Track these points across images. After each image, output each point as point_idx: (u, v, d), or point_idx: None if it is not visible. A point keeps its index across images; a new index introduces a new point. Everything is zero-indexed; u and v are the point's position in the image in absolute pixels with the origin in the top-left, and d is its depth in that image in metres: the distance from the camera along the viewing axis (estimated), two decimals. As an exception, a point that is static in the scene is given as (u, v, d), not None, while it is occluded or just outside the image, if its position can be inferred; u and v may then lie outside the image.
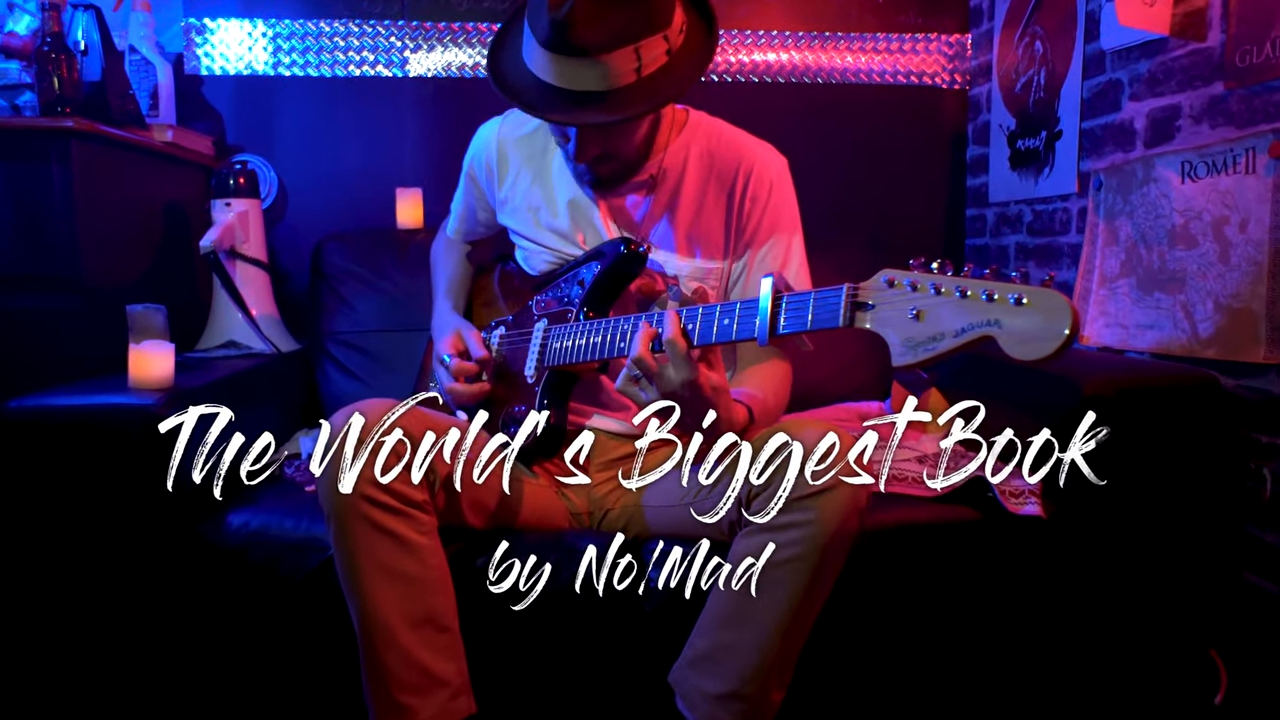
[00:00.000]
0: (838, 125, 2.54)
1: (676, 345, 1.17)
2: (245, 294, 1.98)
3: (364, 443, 1.20)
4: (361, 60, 2.39)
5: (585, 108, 1.27)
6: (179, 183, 2.14)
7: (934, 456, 1.65)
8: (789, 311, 1.11)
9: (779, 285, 1.14)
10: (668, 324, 1.18)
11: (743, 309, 1.17)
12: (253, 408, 1.78)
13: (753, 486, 1.23)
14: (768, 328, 1.12)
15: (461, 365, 1.49)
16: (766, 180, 1.47)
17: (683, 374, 1.18)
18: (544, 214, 1.53)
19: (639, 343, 1.19)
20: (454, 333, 1.55)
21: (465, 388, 1.49)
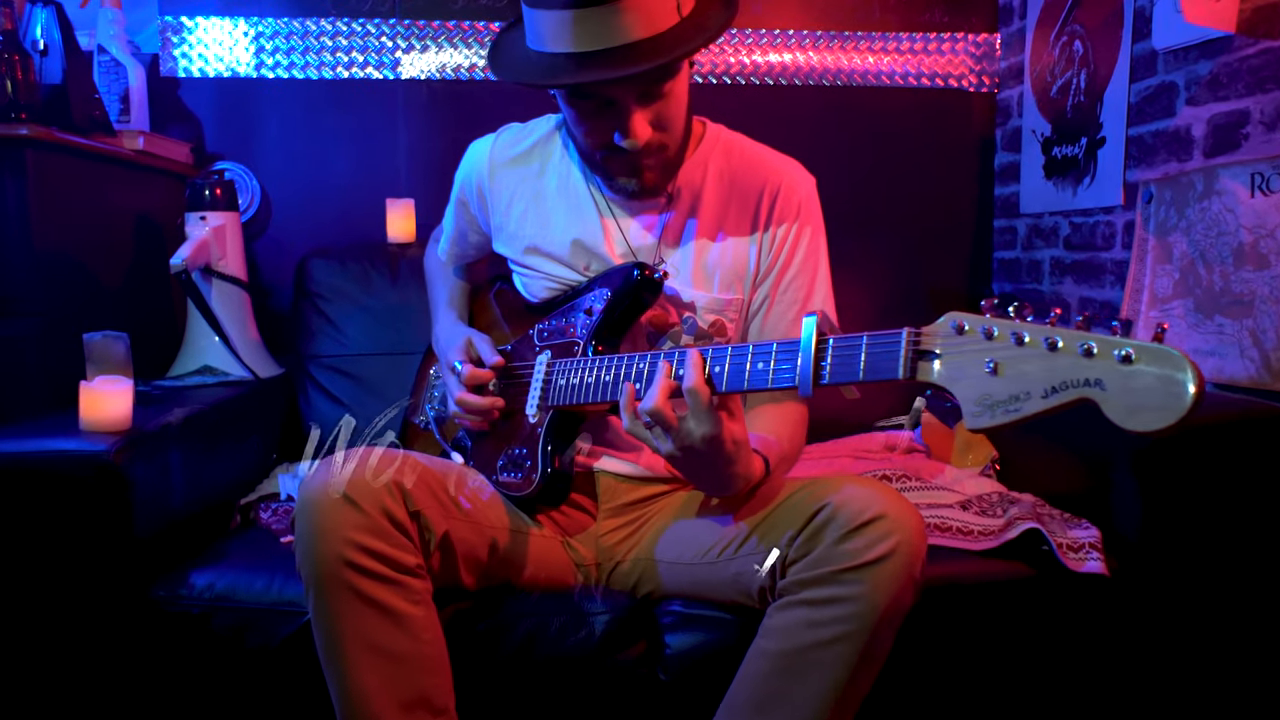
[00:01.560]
0: (857, 130, 2.39)
1: (699, 396, 1.02)
2: (222, 315, 1.82)
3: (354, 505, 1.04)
4: (350, 61, 2.23)
5: (625, 61, 1.11)
6: (152, 194, 1.98)
7: (977, 500, 1.49)
8: (837, 358, 0.95)
9: (823, 326, 0.98)
10: (691, 370, 1.02)
11: (781, 352, 1.01)
12: (227, 443, 1.62)
13: (788, 551, 1.08)
14: (810, 376, 0.97)
15: (475, 372, 1.33)
16: (794, 202, 1.32)
17: (704, 428, 1.03)
18: (543, 240, 1.37)
19: (657, 393, 1.04)
20: (464, 339, 1.40)
21: (477, 399, 1.32)
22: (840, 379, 0.95)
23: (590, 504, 1.39)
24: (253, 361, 1.84)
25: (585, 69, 1.12)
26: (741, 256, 1.32)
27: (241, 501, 1.59)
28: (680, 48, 1.11)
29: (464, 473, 1.29)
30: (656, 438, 1.08)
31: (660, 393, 1.03)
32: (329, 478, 1.06)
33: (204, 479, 1.48)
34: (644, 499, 1.39)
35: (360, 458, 1.09)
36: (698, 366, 1.03)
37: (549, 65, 1.16)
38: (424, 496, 1.12)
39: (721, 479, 1.15)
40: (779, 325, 1.33)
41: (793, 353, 1.00)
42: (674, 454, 1.08)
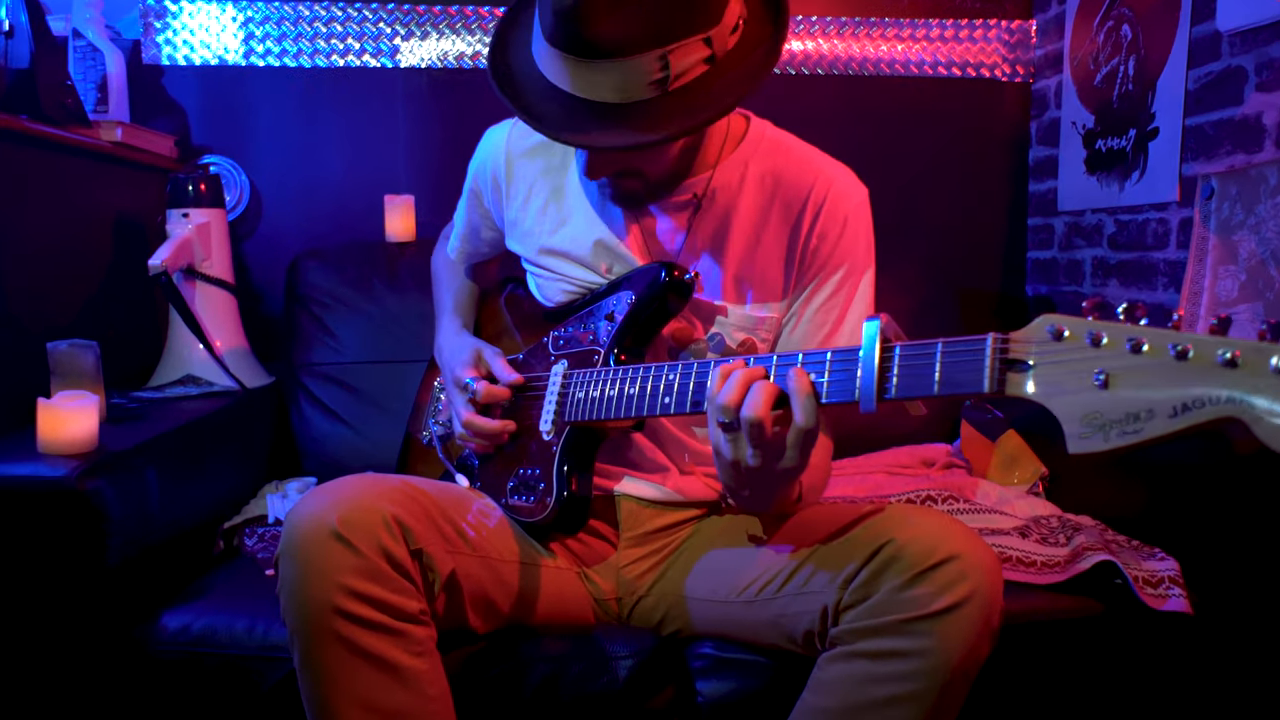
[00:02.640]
0: (880, 124, 2.25)
1: (812, 414, 0.86)
2: (206, 321, 1.69)
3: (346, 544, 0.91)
4: (346, 49, 2.10)
5: (602, 124, 0.99)
6: (132, 190, 1.85)
7: (1035, 525, 1.35)
8: (906, 368, 0.82)
9: (888, 331, 0.84)
10: (797, 379, 0.87)
11: (837, 362, 0.87)
12: (210, 460, 1.48)
13: (841, 594, 0.94)
14: (874, 389, 0.83)
15: (491, 390, 1.18)
16: (840, 214, 1.17)
17: (797, 453, 0.88)
18: (562, 238, 1.23)
19: (761, 399, 0.87)
20: (473, 353, 1.26)
21: (487, 423, 1.19)
22: (910, 392, 0.82)
23: (610, 531, 1.25)
24: (240, 371, 1.70)
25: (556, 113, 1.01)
26: (777, 268, 1.18)
27: (225, 525, 1.45)
28: (646, 131, 0.97)
29: (467, 496, 1.16)
30: (728, 441, 0.91)
31: (765, 399, 0.87)
32: (318, 511, 0.92)
33: (184, 501, 1.34)
34: (670, 526, 1.25)
35: (354, 486, 0.95)
36: (805, 378, 0.87)
37: (533, 86, 1.04)
38: (427, 531, 0.99)
39: (769, 500, 1.02)
40: (801, 348, 1.17)
41: (851, 362, 0.86)
42: (747, 467, 0.91)
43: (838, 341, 1.17)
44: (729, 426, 0.89)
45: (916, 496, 1.46)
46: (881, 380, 0.83)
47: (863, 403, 0.84)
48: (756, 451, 0.89)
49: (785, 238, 1.17)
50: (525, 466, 1.20)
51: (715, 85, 0.99)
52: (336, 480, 0.97)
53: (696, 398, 0.99)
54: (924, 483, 1.57)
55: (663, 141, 1.00)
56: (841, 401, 0.87)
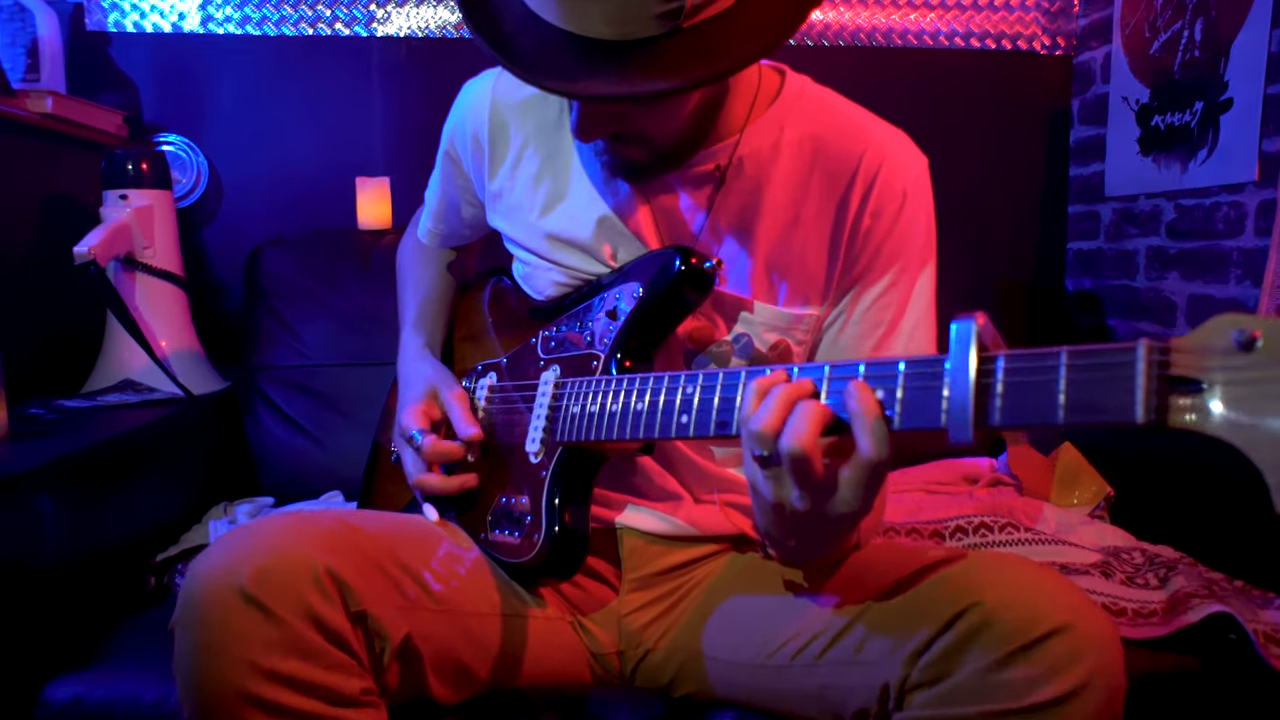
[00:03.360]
0: (904, 100, 1.99)
1: (883, 443, 0.65)
2: (149, 318, 1.47)
3: (261, 609, 0.69)
4: (316, 16, 1.88)
5: (592, 67, 0.76)
6: (68, 170, 1.63)
7: (1113, 558, 1.14)
8: (1014, 386, 0.60)
9: (985, 338, 0.63)
10: (859, 397, 0.65)
11: (915, 375, 0.66)
12: (141, 481, 1.27)
13: (909, 670, 0.74)
14: (971, 412, 0.62)
15: (438, 447, 0.97)
16: (898, 188, 0.94)
17: (860, 494, 0.67)
18: (556, 218, 1.01)
19: (807, 424, 0.65)
20: (425, 392, 1.04)
21: (441, 481, 0.98)
22: (1021, 419, 0.60)
23: (610, 572, 1.04)
24: (187, 375, 1.49)
25: (541, 53, 0.78)
26: (820, 255, 0.95)
27: (158, 558, 1.24)
28: (644, 81, 0.75)
29: (433, 535, 0.94)
30: (768, 479, 0.70)
31: (814, 424, 0.65)
32: (224, 565, 0.71)
33: (99, 533, 1.13)
34: (682, 565, 1.04)
35: (273, 531, 0.74)
36: (869, 398, 0.65)
37: (515, 17, 0.80)
38: (373, 585, 0.78)
39: (820, 551, 0.81)
40: (849, 356, 0.96)
41: (934, 375, 0.65)
42: (792, 511, 0.69)
43: (893, 346, 0.95)
44: (767, 460, 0.68)
45: (968, 524, 1.26)
46: (981, 401, 0.62)
47: (953, 429, 0.63)
48: (805, 493, 0.68)
49: (830, 217, 0.95)
50: (508, 494, 0.99)
51: (742, 23, 0.77)
52: (253, 522, 0.76)
53: (723, 418, 0.78)
54: (970, 504, 1.37)
55: (670, 93, 0.76)
56: (921, 428, 0.66)
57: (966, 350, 0.63)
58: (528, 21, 0.78)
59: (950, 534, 1.25)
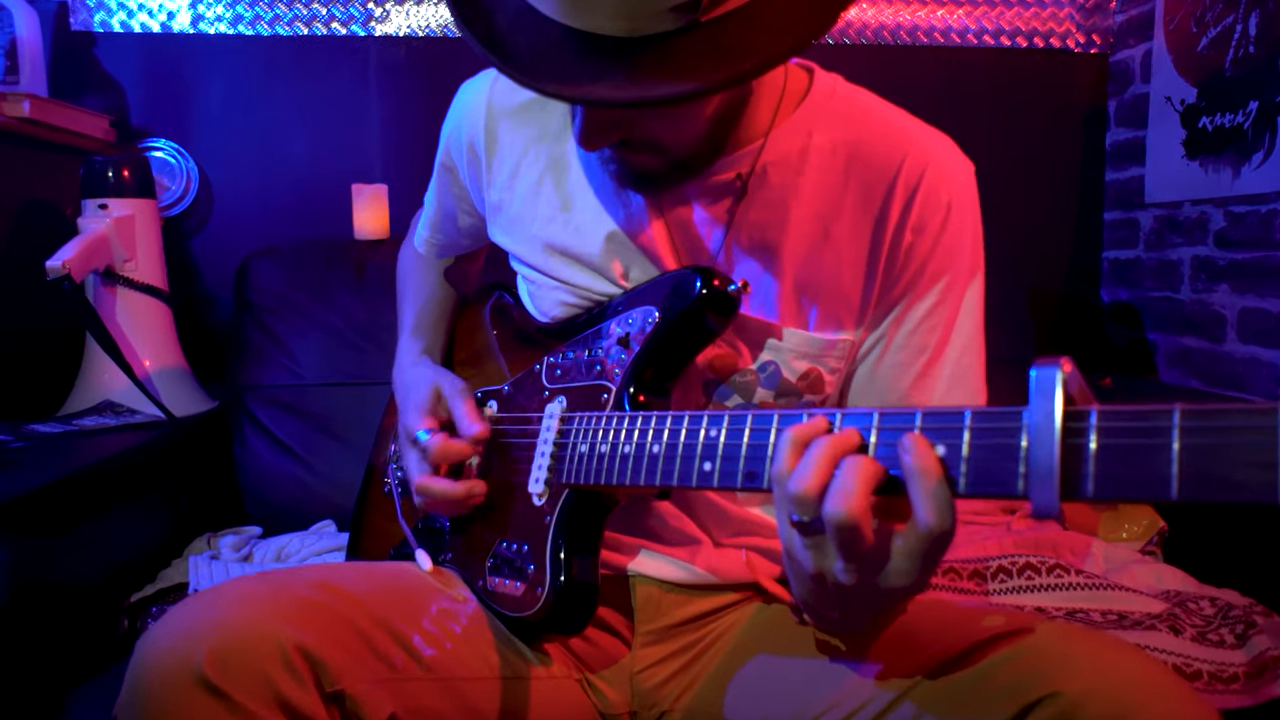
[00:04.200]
0: (930, 101, 1.86)
1: (947, 510, 0.55)
2: (130, 335, 1.39)
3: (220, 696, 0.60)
4: (311, 15, 1.79)
5: (598, 68, 0.66)
6: (48, 177, 1.55)
7: (1179, 608, 1.03)
8: (1111, 448, 0.50)
9: (1072, 388, 0.53)
10: (918, 454, 0.55)
11: (984, 429, 0.55)
12: (115, 514, 1.18)
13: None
14: (1055, 479, 0.51)
15: (447, 445, 0.87)
16: (942, 199, 0.84)
17: (917, 566, 0.57)
18: (560, 232, 0.91)
19: (856, 486, 0.55)
20: (430, 392, 0.95)
21: (447, 487, 0.88)
22: (1122, 489, 0.50)
23: (622, 623, 0.94)
24: (171, 395, 1.40)
25: (539, 53, 0.68)
26: (854, 274, 0.85)
27: (133, 598, 1.14)
28: (654, 84, 0.64)
29: (425, 589, 0.85)
30: (807, 547, 0.60)
31: (863, 485, 0.55)
32: (178, 643, 0.61)
33: (66, 574, 1.04)
34: (701, 616, 0.94)
35: (234, 601, 0.64)
36: (928, 452, 0.55)
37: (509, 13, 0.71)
38: (352, 658, 0.68)
39: (865, 622, 0.71)
40: (890, 385, 0.86)
41: (1009, 430, 0.55)
42: (836, 584, 0.59)
43: (939, 373, 0.86)
44: (808, 527, 0.58)
45: (1011, 564, 1.15)
46: (1070, 465, 0.51)
47: (1036, 498, 0.52)
48: (851, 565, 0.58)
49: (866, 232, 0.85)
50: (509, 539, 0.89)
51: (767, 17, 0.67)
52: (211, 589, 0.67)
53: (751, 468, 0.67)
54: (1011, 539, 1.26)
55: (686, 98, 0.65)
56: (992, 494, 0.55)
57: (1050, 402, 0.52)
58: (524, 16, 0.68)
59: (992, 575, 1.15)
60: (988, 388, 0.90)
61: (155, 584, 1.18)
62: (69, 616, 1.03)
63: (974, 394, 0.88)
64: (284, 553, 1.28)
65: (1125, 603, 1.05)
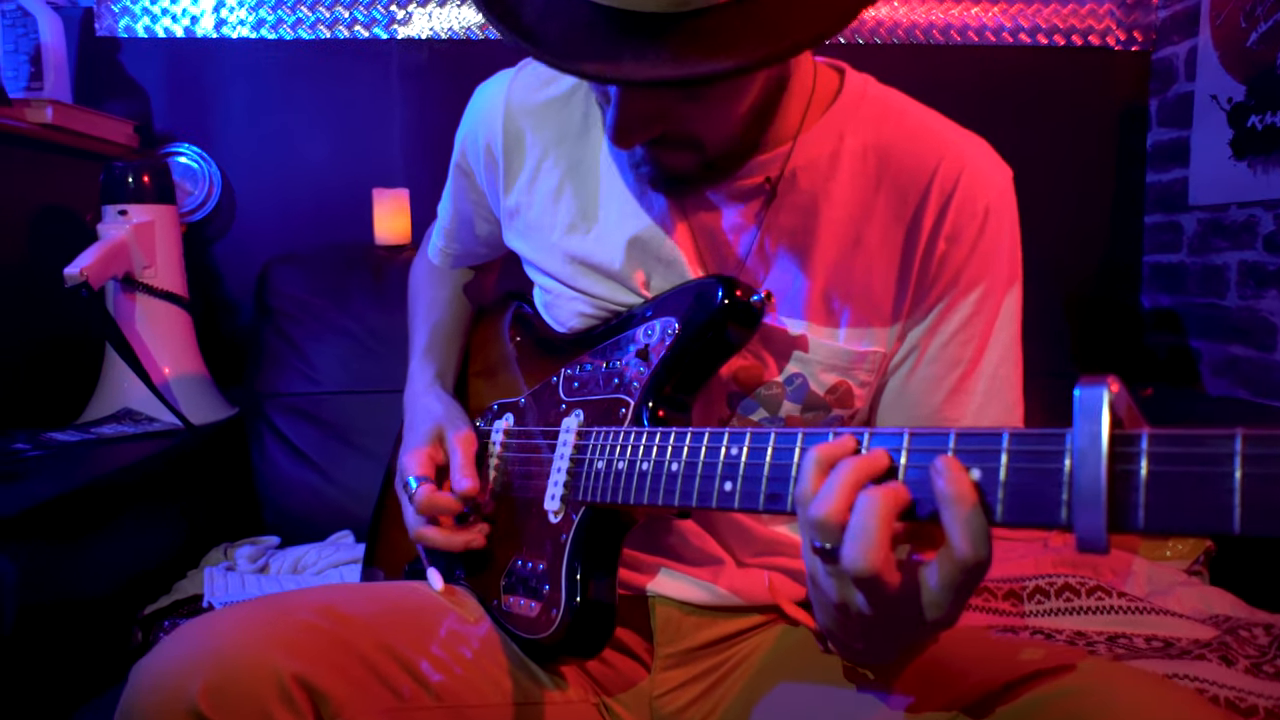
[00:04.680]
0: (962, 101, 1.79)
1: (982, 539, 0.51)
2: (149, 342, 1.38)
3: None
4: (334, 18, 1.78)
5: (639, 46, 0.62)
6: (71, 183, 1.54)
7: (1230, 635, 0.98)
8: (1164, 475, 0.46)
9: (1120, 409, 0.49)
10: (951, 478, 0.51)
11: (1023, 452, 0.52)
12: (128, 524, 1.16)
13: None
14: (1103, 510, 0.47)
15: (433, 498, 0.85)
16: (979, 205, 0.80)
17: (949, 598, 0.54)
18: (580, 239, 0.88)
19: (880, 514, 0.52)
20: (433, 432, 0.92)
21: (444, 536, 0.86)
22: (1177, 521, 0.46)
23: (641, 645, 0.91)
24: (190, 403, 1.39)
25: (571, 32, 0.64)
26: (885, 282, 0.81)
27: (147, 610, 1.13)
28: (702, 60, 0.60)
29: (435, 610, 0.82)
30: (830, 575, 0.57)
31: (887, 512, 0.52)
32: (171, 672, 0.59)
33: (78, 588, 1.03)
34: (723, 639, 0.90)
35: (232, 628, 0.62)
36: (961, 477, 0.51)
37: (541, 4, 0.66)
38: (355, 687, 0.65)
39: (893, 654, 0.67)
40: (922, 399, 0.82)
41: (1050, 453, 0.51)
42: (859, 613, 0.57)
43: (974, 387, 0.82)
44: (831, 554, 0.54)
45: (1049, 584, 1.10)
46: (1118, 493, 0.47)
47: (1081, 530, 0.48)
48: (875, 599, 0.54)
49: (898, 239, 0.81)
50: (525, 556, 0.86)
51: None
52: (209, 615, 0.64)
53: (775, 489, 0.64)
54: (1049, 558, 1.21)
55: (733, 74, 0.61)
56: (1032, 523, 0.52)
57: (1097, 424, 0.48)
58: (554, 4, 0.64)
59: (1028, 595, 1.10)
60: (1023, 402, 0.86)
61: (170, 596, 1.16)
62: (82, 628, 1.02)
63: (1010, 407, 0.84)
64: (301, 564, 1.26)
65: (1171, 628, 1.00)
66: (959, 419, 0.82)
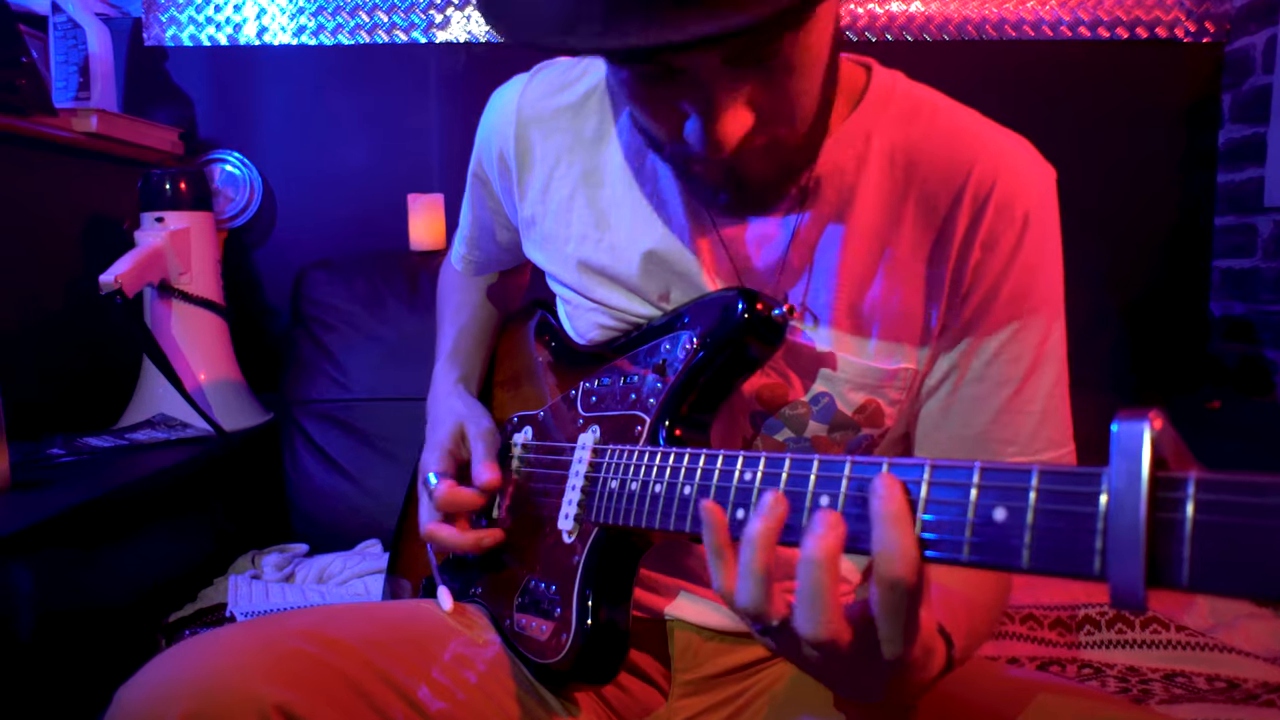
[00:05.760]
0: (1020, 100, 1.80)
1: (901, 582, 0.49)
2: (185, 348, 1.39)
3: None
4: (374, 23, 1.78)
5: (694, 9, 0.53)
6: (115, 191, 1.57)
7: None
8: (1212, 526, 0.41)
9: (1164, 448, 0.44)
10: (883, 494, 0.50)
11: (1052, 492, 0.47)
12: (165, 529, 1.17)
13: None
14: (1142, 565, 0.42)
15: (454, 493, 0.83)
16: (1018, 210, 0.74)
17: (894, 645, 0.51)
18: (594, 249, 0.84)
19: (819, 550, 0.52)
20: (454, 430, 0.90)
21: (452, 537, 0.84)
22: (1226, 581, 0.40)
23: (659, 671, 0.87)
24: (224, 408, 1.40)
25: (618, 17, 0.55)
26: (915, 296, 0.76)
27: (171, 618, 1.13)
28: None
29: (440, 633, 0.79)
30: (784, 648, 0.57)
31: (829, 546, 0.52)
32: (152, 700, 0.57)
33: (104, 594, 1.03)
34: (744, 667, 0.86)
35: (215, 653, 0.60)
36: (899, 514, 0.50)
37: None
38: (340, 715, 0.63)
39: (876, 691, 0.63)
40: (966, 421, 0.77)
41: (1087, 495, 0.46)
42: (820, 675, 0.58)
43: (1027, 407, 0.76)
44: (771, 632, 0.55)
45: (1100, 615, 1.03)
46: (1159, 545, 0.42)
47: (1115, 583, 0.43)
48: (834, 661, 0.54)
49: (929, 247, 0.75)
50: (539, 576, 0.83)
51: None
52: (195, 639, 0.62)
53: (788, 520, 0.60)
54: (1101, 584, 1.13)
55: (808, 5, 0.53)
56: (1061, 572, 0.46)
57: (1137, 464, 0.43)
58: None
59: (1077, 625, 1.03)
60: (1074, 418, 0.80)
61: (195, 603, 1.16)
62: (106, 635, 1.02)
63: (1065, 427, 0.78)
64: (326, 573, 1.25)
65: (1236, 667, 0.92)
66: (1011, 440, 0.77)
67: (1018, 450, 0.76)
